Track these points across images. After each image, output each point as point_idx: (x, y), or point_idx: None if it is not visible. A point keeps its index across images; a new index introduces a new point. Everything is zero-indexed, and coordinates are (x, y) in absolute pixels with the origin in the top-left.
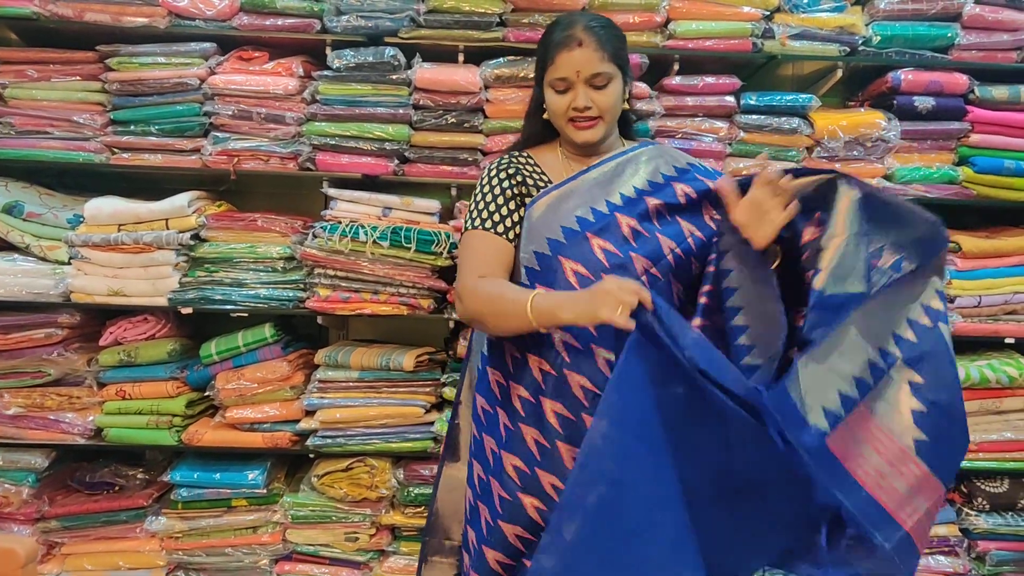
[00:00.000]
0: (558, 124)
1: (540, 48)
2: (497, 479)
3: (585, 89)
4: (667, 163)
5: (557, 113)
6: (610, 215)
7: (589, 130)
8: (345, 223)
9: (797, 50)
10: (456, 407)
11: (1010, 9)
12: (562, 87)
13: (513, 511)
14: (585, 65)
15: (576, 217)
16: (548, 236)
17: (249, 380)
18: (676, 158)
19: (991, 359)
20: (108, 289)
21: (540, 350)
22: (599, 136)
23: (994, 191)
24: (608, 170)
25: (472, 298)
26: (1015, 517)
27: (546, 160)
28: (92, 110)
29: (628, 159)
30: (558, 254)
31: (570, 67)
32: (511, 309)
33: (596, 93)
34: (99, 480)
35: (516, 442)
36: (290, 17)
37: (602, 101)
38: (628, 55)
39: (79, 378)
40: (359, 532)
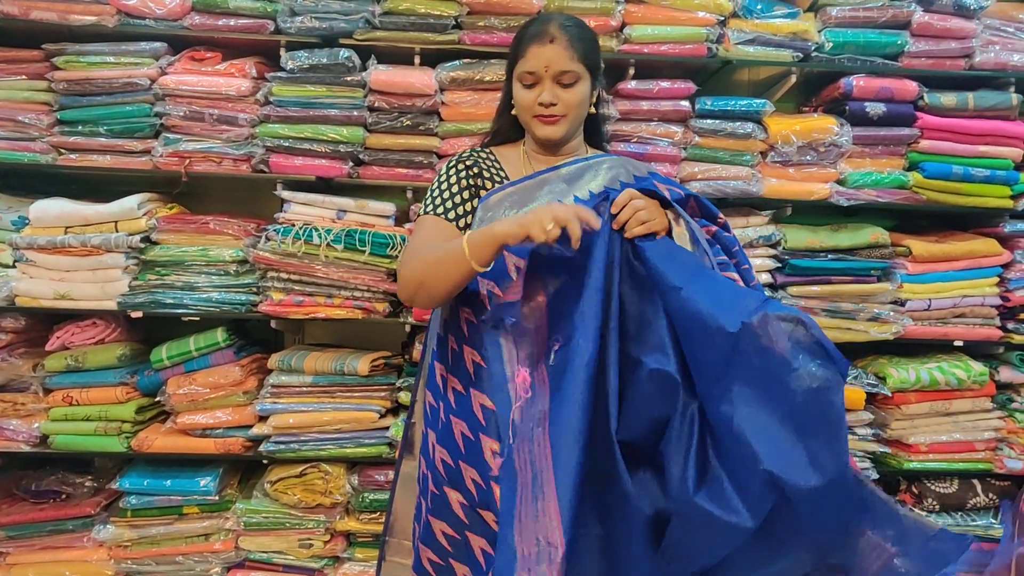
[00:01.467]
0: (523, 119)
1: (513, 42)
2: (431, 473)
3: (552, 86)
4: (627, 173)
5: (523, 107)
6: None
7: (552, 126)
8: (299, 226)
9: (751, 55)
10: (412, 405)
11: (958, 17)
12: (530, 81)
13: (440, 506)
14: (554, 61)
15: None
16: None
17: (201, 385)
18: (637, 168)
19: (941, 361)
20: (55, 293)
21: (473, 341)
22: (561, 134)
23: (943, 196)
24: (567, 173)
25: (410, 264)
26: (965, 517)
27: (508, 158)
28: (38, 110)
29: (589, 165)
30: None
31: (539, 61)
32: (447, 257)
33: (563, 91)
34: (45, 488)
35: (447, 436)
36: (243, 17)
37: (568, 99)
38: (600, 60)
39: (24, 384)
40: (313, 539)
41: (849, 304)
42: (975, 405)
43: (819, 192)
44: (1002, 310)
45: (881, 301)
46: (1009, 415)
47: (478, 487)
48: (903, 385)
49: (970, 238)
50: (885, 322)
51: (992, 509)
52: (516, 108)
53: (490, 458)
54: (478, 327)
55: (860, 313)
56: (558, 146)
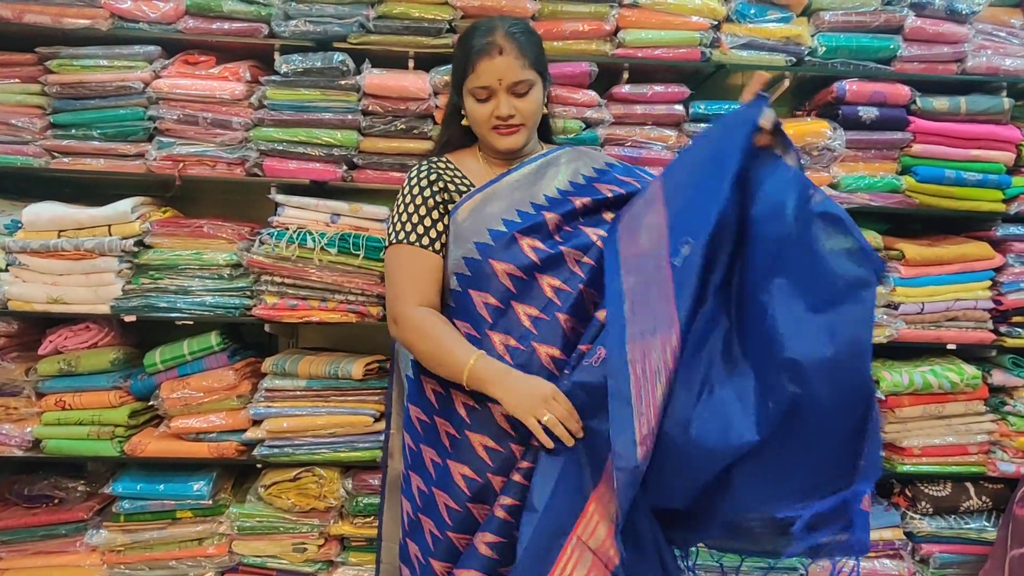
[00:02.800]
0: (480, 132)
1: (458, 53)
2: (444, 490)
3: (507, 97)
4: (586, 164)
5: (479, 121)
6: (536, 215)
7: (512, 136)
8: (292, 229)
9: (744, 59)
10: (388, 417)
11: (950, 22)
12: (484, 95)
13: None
14: (507, 73)
15: (503, 219)
16: (476, 240)
17: (195, 389)
18: (594, 159)
19: (934, 365)
20: (47, 297)
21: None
22: (522, 142)
23: (935, 200)
24: (529, 172)
25: (410, 331)
26: (958, 520)
27: (466, 164)
28: (31, 113)
29: (548, 161)
30: (488, 257)
31: (491, 76)
32: (448, 361)
33: (518, 100)
34: (38, 493)
35: (464, 450)
36: (237, 21)
37: (524, 108)
38: (547, 60)
39: (16, 388)
40: (307, 543)
41: None
42: (968, 408)
43: None
44: (995, 313)
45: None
46: (1002, 418)
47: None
48: (896, 388)
49: (963, 242)
50: (878, 325)
51: (985, 512)
52: (470, 121)
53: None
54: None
55: None
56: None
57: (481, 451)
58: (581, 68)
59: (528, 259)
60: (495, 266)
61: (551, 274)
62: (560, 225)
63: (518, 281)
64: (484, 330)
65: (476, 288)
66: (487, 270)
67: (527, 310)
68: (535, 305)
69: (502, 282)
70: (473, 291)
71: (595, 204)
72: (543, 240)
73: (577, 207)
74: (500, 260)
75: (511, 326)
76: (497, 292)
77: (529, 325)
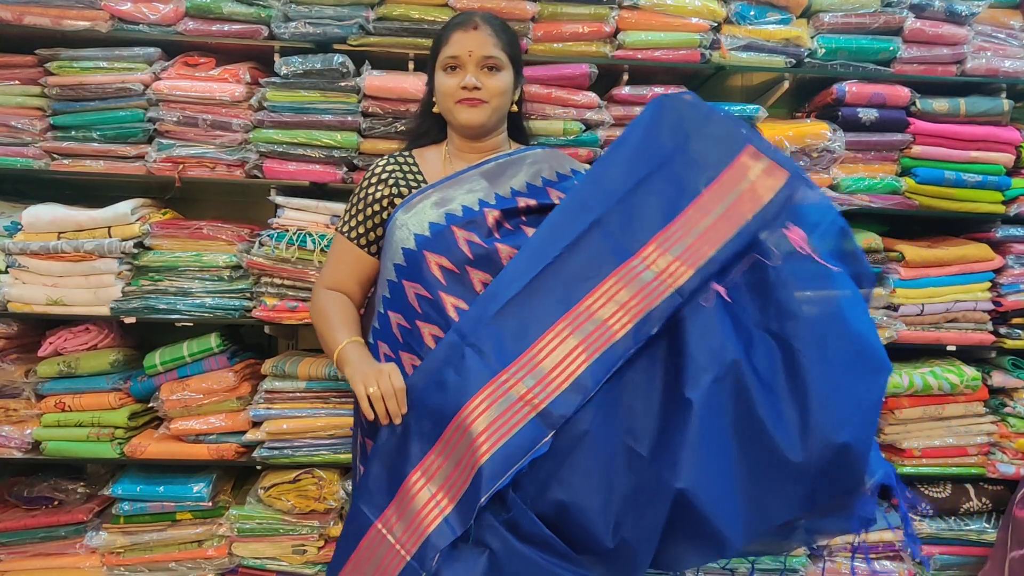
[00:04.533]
0: (445, 107)
1: (436, 37)
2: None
3: (476, 71)
4: (551, 168)
5: (446, 94)
6: (479, 211)
7: (475, 110)
8: (292, 231)
9: (744, 61)
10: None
11: (950, 24)
12: (453, 64)
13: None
14: (479, 46)
15: (445, 213)
16: (416, 232)
17: (194, 391)
18: (561, 164)
19: (933, 366)
20: (47, 298)
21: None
22: (484, 119)
23: (935, 201)
24: (487, 170)
25: (312, 307)
26: (958, 522)
27: (428, 160)
28: (31, 115)
29: (511, 161)
30: (423, 248)
31: (463, 46)
32: (328, 340)
33: (487, 76)
34: (37, 495)
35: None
36: (237, 23)
37: (492, 85)
38: (521, 57)
39: (16, 390)
40: (307, 545)
41: None
42: (968, 410)
43: None
44: (994, 315)
45: (874, 306)
46: (1002, 420)
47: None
48: (896, 390)
49: (962, 243)
50: (878, 327)
51: (985, 513)
52: (438, 96)
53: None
54: (413, 331)
55: None
56: (480, 136)
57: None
58: (581, 70)
59: (462, 253)
60: (429, 258)
61: (483, 269)
62: (500, 222)
63: (449, 274)
64: (414, 320)
65: (410, 279)
66: (421, 262)
67: (454, 301)
68: (463, 298)
69: (434, 274)
70: (407, 282)
71: (540, 207)
72: (480, 236)
73: (520, 206)
74: (435, 252)
75: (438, 317)
76: (428, 284)
77: (455, 316)
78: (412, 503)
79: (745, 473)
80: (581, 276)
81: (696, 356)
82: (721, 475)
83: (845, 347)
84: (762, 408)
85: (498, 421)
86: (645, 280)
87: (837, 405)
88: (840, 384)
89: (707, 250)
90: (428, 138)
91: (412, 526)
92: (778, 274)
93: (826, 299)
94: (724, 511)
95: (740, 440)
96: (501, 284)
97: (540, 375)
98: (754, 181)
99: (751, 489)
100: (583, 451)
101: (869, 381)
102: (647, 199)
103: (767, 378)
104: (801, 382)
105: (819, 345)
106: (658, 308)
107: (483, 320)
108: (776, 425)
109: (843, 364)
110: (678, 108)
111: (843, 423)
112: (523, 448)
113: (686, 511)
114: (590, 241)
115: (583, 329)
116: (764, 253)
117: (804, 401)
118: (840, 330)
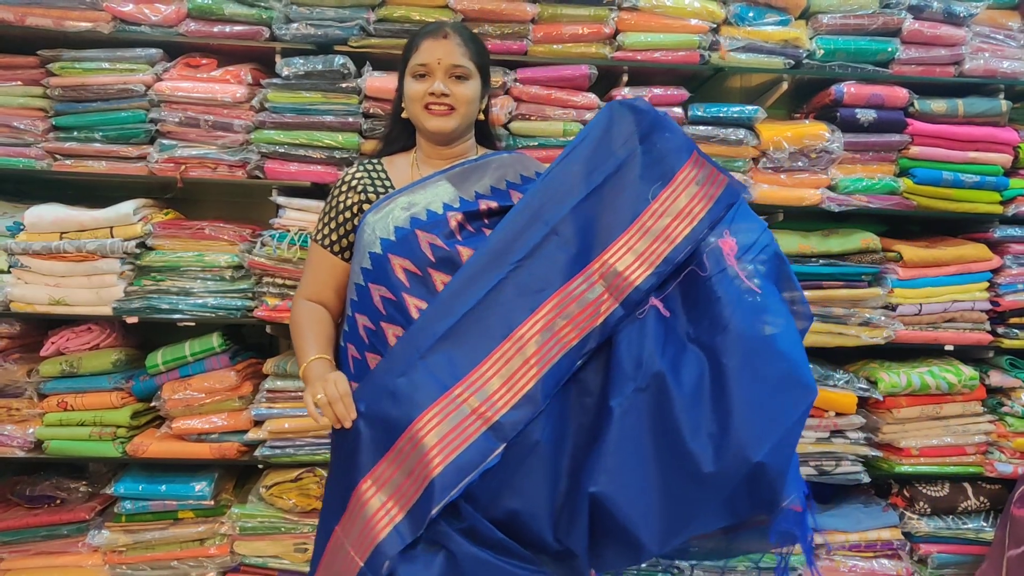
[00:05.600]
0: (413, 112)
1: (406, 44)
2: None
3: (444, 78)
4: (515, 172)
5: (414, 99)
6: (442, 215)
7: (443, 117)
8: (294, 231)
9: (743, 62)
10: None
11: (948, 25)
12: (422, 71)
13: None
14: (447, 55)
15: (410, 217)
16: (381, 236)
17: (196, 390)
18: (526, 167)
19: (931, 366)
20: (49, 298)
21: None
22: (452, 126)
23: (933, 202)
24: (453, 175)
25: (291, 317)
26: (956, 520)
27: (397, 167)
28: (33, 116)
29: (476, 166)
30: (388, 252)
31: (432, 54)
32: (299, 353)
33: (455, 84)
34: (40, 494)
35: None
36: (238, 24)
37: (459, 93)
38: (490, 69)
39: (19, 389)
40: (308, 543)
41: (840, 309)
42: (966, 409)
43: (810, 198)
44: (992, 315)
45: (872, 306)
46: (999, 419)
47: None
48: (894, 389)
49: (960, 243)
50: (876, 327)
51: (983, 512)
52: (406, 102)
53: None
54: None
55: (851, 318)
56: (448, 142)
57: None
58: (580, 71)
59: (423, 255)
60: (393, 261)
61: (444, 271)
62: (463, 224)
63: (412, 276)
64: (379, 322)
65: (375, 282)
66: (386, 265)
67: (417, 303)
68: (425, 299)
69: (398, 277)
70: (372, 284)
71: (500, 209)
72: (442, 238)
73: (482, 208)
74: (399, 255)
75: (402, 318)
76: (392, 286)
77: (416, 316)
78: (363, 510)
79: (661, 481)
80: (535, 288)
81: (623, 365)
82: (637, 481)
83: (772, 367)
84: (681, 418)
85: (450, 435)
86: (596, 293)
87: (757, 422)
88: (763, 402)
89: (664, 249)
90: (397, 145)
91: (364, 533)
92: (712, 288)
93: (757, 318)
94: (639, 516)
95: (658, 448)
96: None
97: (490, 391)
98: (702, 185)
99: (667, 497)
100: (534, 460)
101: (792, 402)
102: (603, 206)
103: (691, 390)
104: (725, 396)
105: (746, 362)
106: (605, 320)
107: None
108: (693, 436)
109: (768, 383)
110: (630, 115)
111: (761, 440)
112: (474, 462)
113: (602, 514)
114: (544, 251)
115: (536, 340)
116: (700, 266)
117: (726, 415)
118: (768, 350)
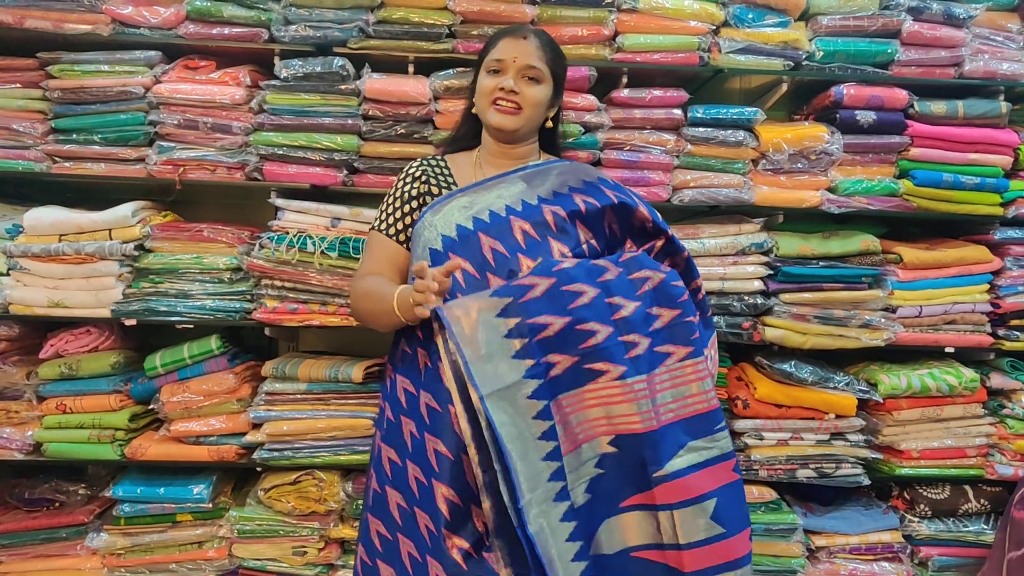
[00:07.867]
0: (481, 107)
1: (486, 42)
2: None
3: (516, 77)
4: (576, 178)
5: (483, 93)
6: (505, 218)
7: (508, 115)
8: (293, 233)
9: (742, 64)
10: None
11: (948, 26)
12: (496, 67)
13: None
14: (523, 54)
15: (473, 217)
16: (443, 233)
17: (195, 393)
18: (587, 174)
19: (932, 368)
20: (48, 301)
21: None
22: (516, 125)
23: (933, 203)
24: (516, 178)
25: (352, 294)
26: (956, 523)
27: (460, 165)
28: (32, 118)
29: (539, 171)
30: (449, 249)
31: (509, 52)
32: (379, 306)
33: (526, 85)
34: (39, 496)
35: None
36: (237, 26)
37: (529, 94)
38: (565, 78)
39: (17, 392)
40: (307, 546)
41: (840, 311)
42: (966, 411)
43: (810, 200)
44: (992, 317)
45: (872, 308)
46: (1000, 421)
47: (420, 485)
48: (894, 391)
49: (960, 245)
50: (876, 329)
51: (983, 515)
52: (477, 96)
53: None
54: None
55: (851, 320)
56: (510, 141)
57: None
58: (580, 72)
59: (484, 259)
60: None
61: (502, 277)
62: (527, 231)
63: (470, 278)
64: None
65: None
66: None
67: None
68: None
69: (456, 277)
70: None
71: (567, 215)
72: (506, 245)
73: (547, 214)
74: (459, 255)
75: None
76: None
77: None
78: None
79: None
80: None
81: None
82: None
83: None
84: None
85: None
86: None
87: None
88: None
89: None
90: (462, 143)
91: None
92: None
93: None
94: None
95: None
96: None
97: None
98: None
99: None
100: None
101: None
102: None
103: None
104: None
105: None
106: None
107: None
108: None
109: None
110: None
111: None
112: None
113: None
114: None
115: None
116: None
117: None
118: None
